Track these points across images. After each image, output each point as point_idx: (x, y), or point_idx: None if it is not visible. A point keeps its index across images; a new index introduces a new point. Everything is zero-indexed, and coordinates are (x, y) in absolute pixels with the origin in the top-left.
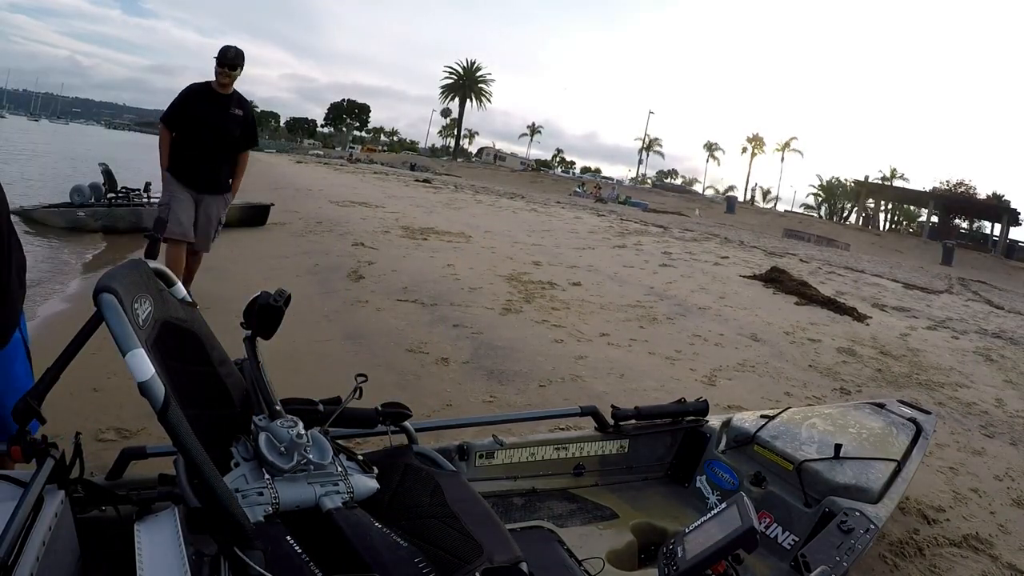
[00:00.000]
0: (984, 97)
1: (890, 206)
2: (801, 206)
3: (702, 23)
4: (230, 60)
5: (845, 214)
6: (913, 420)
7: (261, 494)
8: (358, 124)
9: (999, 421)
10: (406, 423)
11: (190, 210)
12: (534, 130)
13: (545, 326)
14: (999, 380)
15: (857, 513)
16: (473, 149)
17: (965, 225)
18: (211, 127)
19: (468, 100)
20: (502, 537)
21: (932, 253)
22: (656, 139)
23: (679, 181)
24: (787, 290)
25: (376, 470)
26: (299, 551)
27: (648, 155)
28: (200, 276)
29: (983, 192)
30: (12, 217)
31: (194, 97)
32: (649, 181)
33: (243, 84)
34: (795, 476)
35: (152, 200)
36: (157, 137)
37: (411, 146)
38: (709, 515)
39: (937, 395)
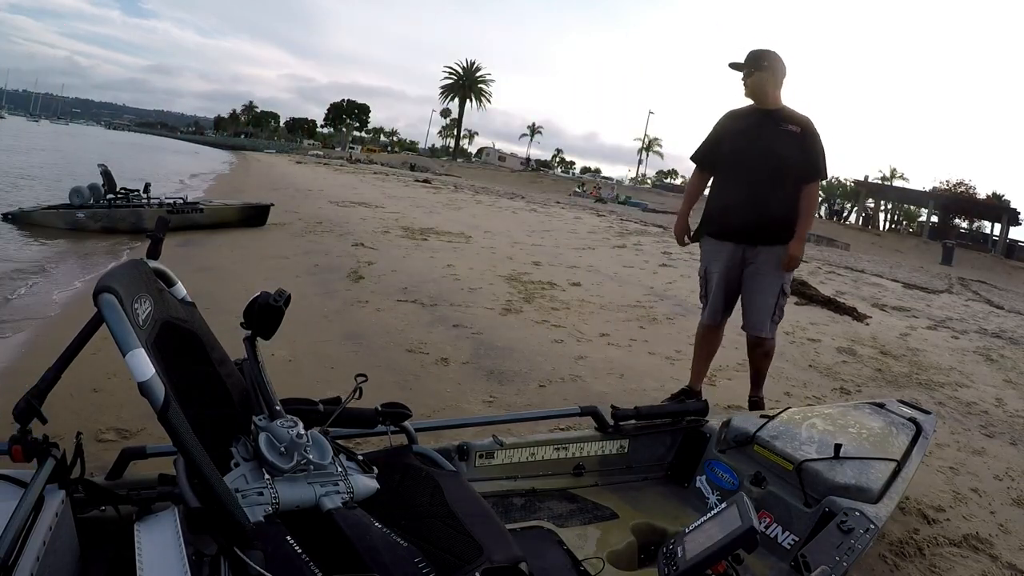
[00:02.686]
0: (984, 97)
1: (890, 206)
2: None
3: (702, 23)
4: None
5: (845, 214)
6: (913, 420)
7: (261, 494)
8: (358, 124)
9: (999, 421)
10: (406, 423)
11: None
12: (534, 130)
13: (545, 326)
14: (999, 380)
15: (857, 513)
16: (473, 149)
17: (965, 225)
18: None
19: (468, 100)
20: (502, 537)
21: (932, 253)
22: (656, 139)
23: (679, 181)
24: None
25: (376, 470)
26: (299, 551)
27: (648, 155)
28: (200, 276)
29: (983, 192)
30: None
31: None
32: (649, 181)
33: (242, 84)
34: (795, 476)
35: (152, 201)
36: (160, 138)
37: (411, 146)
38: (709, 515)
39: (937, 395)
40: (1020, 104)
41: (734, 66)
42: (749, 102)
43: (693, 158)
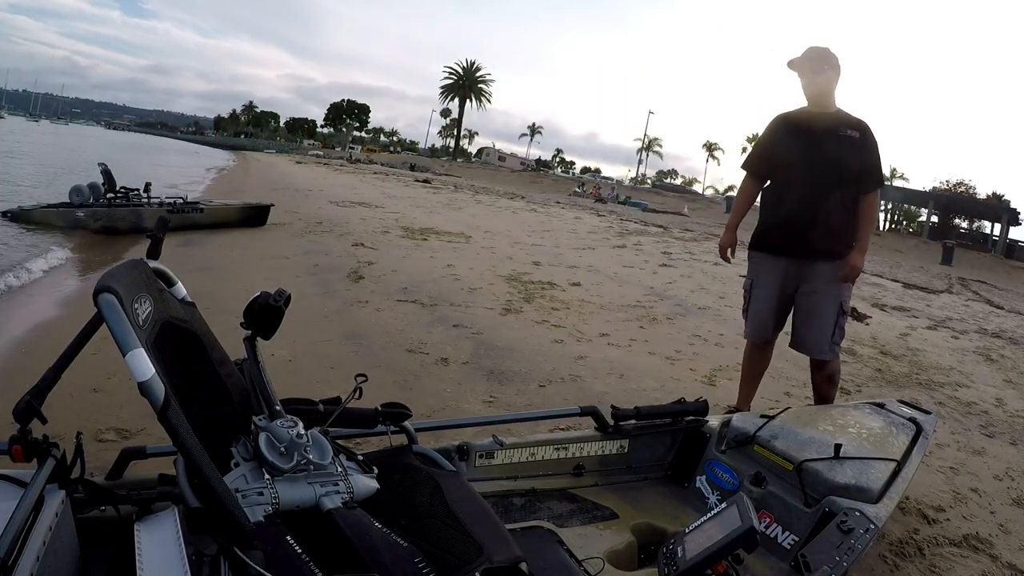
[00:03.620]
0: (984, 97)
1: (890, 206)
2: None
3: (702, 23)
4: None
5: None
6: (913, 420)
7: (261, 494)
8: (358, 124)
9: (999, 421)
10: (406, 423)
11: None
12: (534, 130)
13: (545, 326)
14: (999, 380)
15: (857, 513)
16: (473, 149)
17: (965, 225)
18: None
19: (468, 100)
20: (502, 537)
21: (932, 253)
22: (656, 139)
23: (679, 181)
24: None
25: (376, 470)
26: (299, 551)
27: (648, 155)
28: (200, 276)
29: (983, 192)
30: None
31: None
32: (649, 181)
33: (242, 84)
34: (795, 476)
35: (152, 200)
36: (160, 138)
37: (411, 146)
38: (709, 515)
39: (937, 395)
40: (1020, 104)
41: (796, 64)
42: (796, 105)
43: (744, 166)
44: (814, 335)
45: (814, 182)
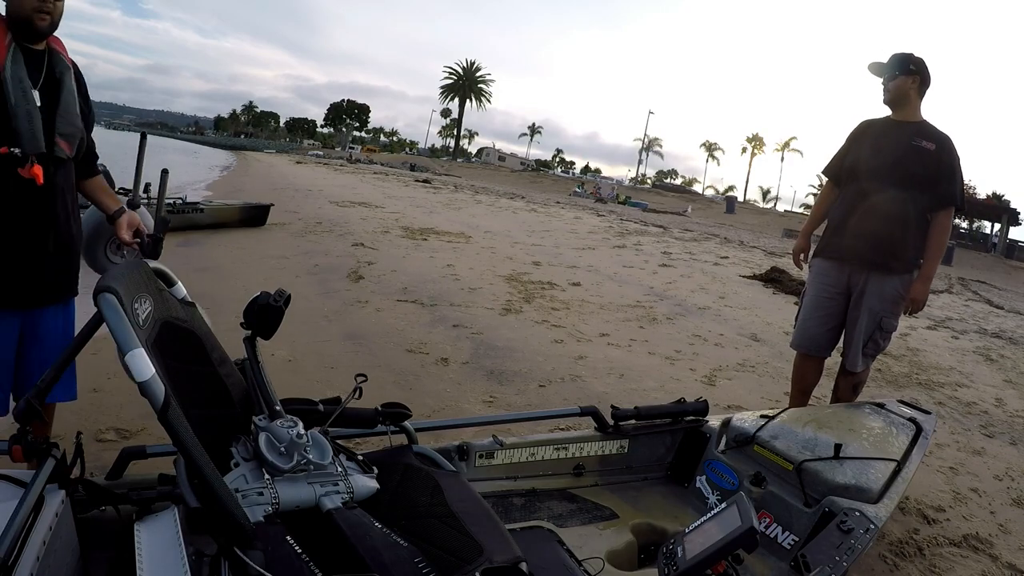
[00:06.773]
0: (983, 98)
1: None
2: (801, 206)
3: (702, 24)
4: None
5: None
6: (913, 420)
7: (261, 494)
8: (358, 124)
9: (999, 421)
10: (406, 423)
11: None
12: (534, 130)
13: (545, 326)
14: (999, 380)
15: (857, 513)
16: (473, 149)
17: (965, 225)
18: None
19: (468, 100)
20: (502, 537)
21: None
22: (656, 139)
23: (679, 181)
24: (787, 290)
25: (376, 470)
26: (299, 551)
27: (648, 155)
28: (200, 276)
29: (983, 192)
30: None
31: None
32: (649, 181)
33: (241, 84)
34: (795, 476)
35: (152, 200)
36: (160, 138)
37: (412, 146)
38: (709, 515)
39: (937, 395)
40: (1020, 104)
41: (875, 68)
42: (886, 112)
43: (824, 171)
44: (848, 346)
45: (874, 191)
